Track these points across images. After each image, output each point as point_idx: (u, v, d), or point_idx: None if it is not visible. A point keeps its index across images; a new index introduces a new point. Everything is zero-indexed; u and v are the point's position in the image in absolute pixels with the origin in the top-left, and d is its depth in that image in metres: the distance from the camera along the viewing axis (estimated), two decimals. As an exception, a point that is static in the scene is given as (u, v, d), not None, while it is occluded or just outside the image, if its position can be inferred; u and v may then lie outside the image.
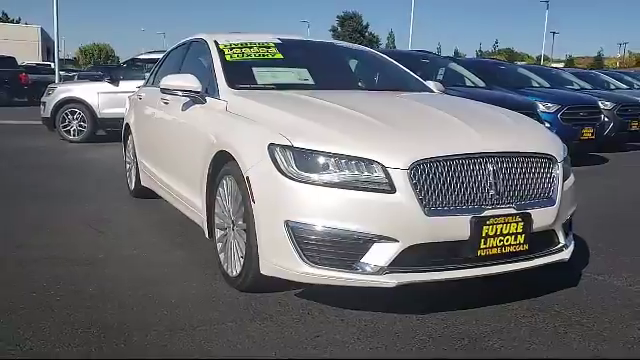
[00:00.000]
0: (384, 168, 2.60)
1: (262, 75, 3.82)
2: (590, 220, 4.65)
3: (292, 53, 4.15)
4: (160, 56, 11.09)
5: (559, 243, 3.06)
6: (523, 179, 2.82)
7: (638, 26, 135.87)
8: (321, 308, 2.92)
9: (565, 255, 3.06)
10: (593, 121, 8.46)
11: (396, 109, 3.38)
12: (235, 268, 3.10)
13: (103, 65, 47.02)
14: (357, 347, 2.51)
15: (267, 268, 2.83)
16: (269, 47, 4.09)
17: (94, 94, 10.66)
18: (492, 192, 2.72)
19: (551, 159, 2.96)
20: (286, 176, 2.69)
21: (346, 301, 2.94)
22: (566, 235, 3.13)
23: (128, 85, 10.58)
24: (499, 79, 9.04)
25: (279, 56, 4.03)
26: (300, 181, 2.66)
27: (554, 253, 3.02)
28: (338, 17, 57.42)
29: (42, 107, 11.05)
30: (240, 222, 3.06)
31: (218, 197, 3.30)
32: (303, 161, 2.69)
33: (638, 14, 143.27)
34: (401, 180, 2.58)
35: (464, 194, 2.67)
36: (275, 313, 2.85)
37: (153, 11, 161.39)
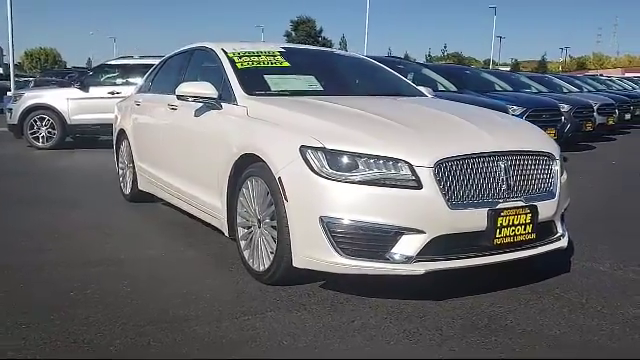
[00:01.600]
0: (411, 166, 2.87)
1: (274, 82, 4.03)
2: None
3: (297, 61, 4.39)
4: (130, 62, 11.19)
5: (557, 232, 3.40)
6: (529, 175, 3.15)
7: (578, 32, 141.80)
8: (347, 298, 3.15)
9: (563, 243, 3.40)
10: (555, 122, 9.01)
11: (409, 113, 3.66)
12: (263, 263, 3.30)
13: (51, 70, 45.76)
14: (392, 330, 2.76)
15: (300, 261, 3.05)
16: (275, 55, 4.31)
17: (63, 100, 10.59)
18: (504, 187, 3.03)
19: (550, 157, 3.30)
20: (319, 175, 2.93)
21: (367, 291, 3.18)
22: (562, 225, 3.47)
23: (98, 91, 10.60)
24: (466, 83, 9.51)
25: (286, 64, 4.25)
26: (333, 180, 2.90)
27: (554, 242, 3.35)
28: (292, 22, 57.65)
29: (8, 114, 10.90)
30: (267, 220, 3.27)
31: (241, 197, 3.49)
32: (335, 161, 2.93)
33: (578, 21, 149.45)
34: (427, 177, 2.86)
35: (481, 189, 2.97)
36: (308, 303, 3.08)
37: (102, 15, 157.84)
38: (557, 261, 3.75)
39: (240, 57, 4.16)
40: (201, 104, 4.01)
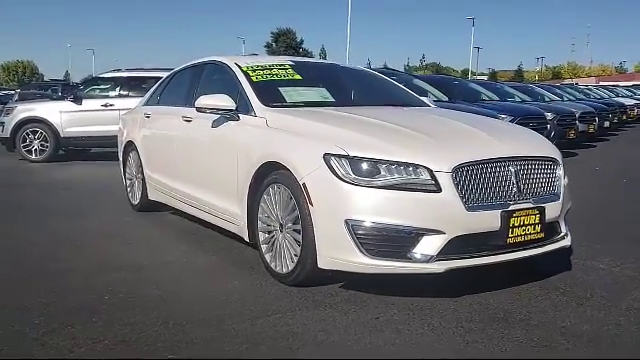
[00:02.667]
0: (430, 171, 3.08)
1: (289, 94, 4.22)
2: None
3: (307, 73, 4.58)
4: (122, 75, 11.30)
5: (562, 232, 3.63)
6: (537, 178, 3.38)
7: (552, 42, 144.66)
8: (368, 296, 3.34)
9: (567, 242, 3.64)
10: (541, 130, 9.26)
11: (421, 121, 3.88)
12: (286, 265, 3.48)
13: (30, 82, 45.44)
14: (416, 325, 2.95)
15: (325, 262, 3.23)
16: (286, 68, 4.51)
17: (56, 113, 10.66)
18: (515, 190, 3.26)
19: (555, 161, 3.54)
20: (344, 181, 3.12)
21: (386, 290, 3.36)
22: (565, 225, 3.70)
23: (92, 103, 10.70)
24: (455, 93, 9.81)
25: (297, 77, 4.45)
26: (357, 185, 3.10)
27: (559, 240, 3.59)
28: (272, 33, 58.05)
29: (0, 127, 10.92)
30: (290, 224, 3.45)
31: (263, 204, 3.67)
32: (358, 168, 3.13)
33: (553, 31, 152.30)
34: (446, 181, 3.07)
35: (494, 192, 3.20)
36: (333, 302, 3.25)
37: (79, 27, 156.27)
38: (558, 260, 3.98)
39: (254, 71, 4.34)
40: (218, 116, 4.18)
